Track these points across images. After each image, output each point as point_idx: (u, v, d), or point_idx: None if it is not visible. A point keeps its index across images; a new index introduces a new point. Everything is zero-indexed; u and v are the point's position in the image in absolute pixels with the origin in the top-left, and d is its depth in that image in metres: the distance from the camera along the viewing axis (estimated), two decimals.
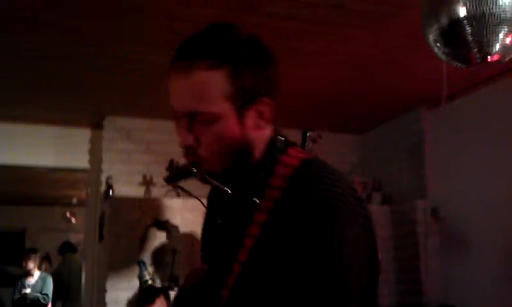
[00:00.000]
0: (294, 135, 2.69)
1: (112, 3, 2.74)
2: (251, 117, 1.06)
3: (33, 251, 7.24)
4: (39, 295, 6.70)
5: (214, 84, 1.02)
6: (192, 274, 1.31)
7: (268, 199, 1.04)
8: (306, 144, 2.66)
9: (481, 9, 1.75)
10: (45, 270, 7.39)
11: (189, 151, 1.07)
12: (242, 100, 1.04)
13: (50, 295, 6.76)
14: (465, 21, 1.78)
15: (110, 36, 3.12)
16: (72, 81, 3.85)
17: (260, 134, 1.09)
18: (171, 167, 4.23)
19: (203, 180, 1.09)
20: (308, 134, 2.68)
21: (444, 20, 1.85)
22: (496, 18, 1.75)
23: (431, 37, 1.94)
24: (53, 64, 3.53)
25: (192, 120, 1.05)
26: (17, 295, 6.71)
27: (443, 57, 1.98)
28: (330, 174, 1.05)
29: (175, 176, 1.15)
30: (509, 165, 3.76)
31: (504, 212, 3.76)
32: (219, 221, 1.18)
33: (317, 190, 1.00)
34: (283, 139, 1.12)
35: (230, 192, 1.09)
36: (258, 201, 1.05)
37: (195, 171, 1.08)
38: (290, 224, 0.99)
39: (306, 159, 1.08)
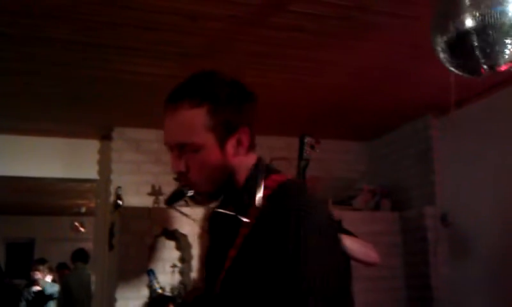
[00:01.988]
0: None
1: (120, 17, 2.77)
2: (231, 145, 1.26)
3: (41, 261, 7.27)
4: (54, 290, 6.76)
5: (196, 119, 1.23)
6: (193, 290, 1.52)
7: (251, 216, 1.23)
8: (304, 149, 2.63)
9: (489, 20, 1.76)
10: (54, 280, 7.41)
11: (181, 176, 1.28)
12: (222, 131, 1.25)
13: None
14: (473, 32, 1.79)
15: (118, 49, 3.15)
16: (80, 93, 3.88)
17: (242, 161, 1.29)
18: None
19: (195, 201, 1.29)
20: (305, 140, 2.65)
21: (452, 31, 1.86)
22: (504, 28, 1.76)
23: (439, 48, 1.95)
24: (62, 77, 3.56)
25: (181, 150, 1.25)
26: (31, 295, 6.75)
27: (451, 68, 1.99)
28: (299, 192, 1.26)
29: (171, 199, 1.36)
30: None
31: None
32: (213, 236, 1.43)
33: (285, 204, 1.19)
34: (267, 166, 1.33)
35: (219, 210, 1.34)
36: (242, 218, 1.24)
37: (186, 192, 1.29)
38: (264, 232, 1.18)
39: (282, 182, 1.28)
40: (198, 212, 4.08)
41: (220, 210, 1.34)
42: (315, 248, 1.14)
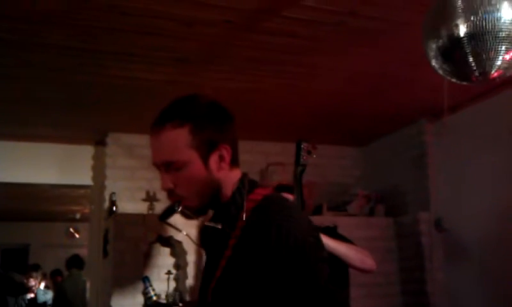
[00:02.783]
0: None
1: (116, 23, 2.77)
2: (213, 161, 1.34)
3: (35, 268, 7.24)
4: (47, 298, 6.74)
5: (179, 138, 1.31)
6: (189, 303, 1.57)
7: (238, 228, 1.31)
8: (301, 155, 2.64)
9: (481, 26, 1.76)
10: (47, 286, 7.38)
11: (170, 193, 1.35)
12: (204, 148, 1.32)
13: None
14: (465, 38, 1.80)
15: (114, 54, 3.15)
16: (75, 99, 3.88)
17: (227, 176, 1.37)
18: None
19: (185, 215, 1.38)
20: (302, 146, 2.65)
21: (444, 37, 1.86)
22: (496, 35, 1.76)
23: (431, 54, 1.96)
24: (57, 82, 3.56)
25: (168, 168, 1.33)
26: (25, 302, 6.73)
27: (443, 73, 1.99)
28: (281, 205, 1.33)
29: (164, 214, 1.57)
30: None
31: (507, 223, 3.76)
32: (207, 249, 1.51)
33: (267, 216, 1.27)
34: (251, 181, 1.41)
35: (209, 224, 1.41)
36: (228, 230, 1.33)
37: (176, 208, 1.39)
38: (248, 243, 1.26)
39: (267, 195, 1.36)
40: (191, 225, 4.08)
41: (209, 224, 1.42)
42: (294, 259, 1.21)
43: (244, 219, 1.31)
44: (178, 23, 2.79)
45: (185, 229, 4.13)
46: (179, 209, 1.39)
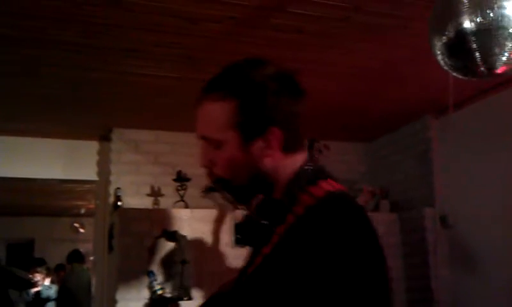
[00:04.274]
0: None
1: (120, 20, 2.78)
2: (257, 147, 1.14)
3: (40, 263, 7.27)
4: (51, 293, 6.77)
5: (218, 113, 1.15)
6: (232, 282, 1.35)
7: (286, 223, 1.08)
8: (313, 154, 2.65)
9: (487, 22, 1.76)
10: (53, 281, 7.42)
11: (208, 171, 1.21)
12: (248, 130, 1.14)
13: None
14: (471, 34, 1.80)
15: (118, 51, 3.16)
16: (79, 95, 3.89)
17: (278, 164, 1.15)
18: (179, 178, 4.25)
19: (225, 198, 1.21)
20: (314, 145, 2.66)
21: (450, 33, 1.87)
22: (502, 31, 1.76)
23: (437, 49, 1.96)
24: (62, 78, 3.57)
25: (205, 144, 1.19)
26: (31, 297, 6.76)
27: (449, 69, 1.99)
28: (346, 208, 1.10)
29: (208, 189, 1.27)
30: None
31: None
32: (238, 236, 1.26)
33: (323, 219, 1.05)
34: (316, 169, 1.18)
35: (250, 215, 1.18)
36: (267, 224, 1.12)
37: (211, 190, 1.22)
38: (291, 245, 1.04)
39: (331, 192, 1.11)
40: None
41: (253, 215, 1.19)
42: (342, 281, 0.98)
43: (294, 216, 1.08)
44: (182, 19, 2.79)
45: (191, 220, 4.15)
46: (214, 191, 1.21)
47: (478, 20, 1.78)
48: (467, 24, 1.81)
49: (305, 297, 0.97)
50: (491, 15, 1.78)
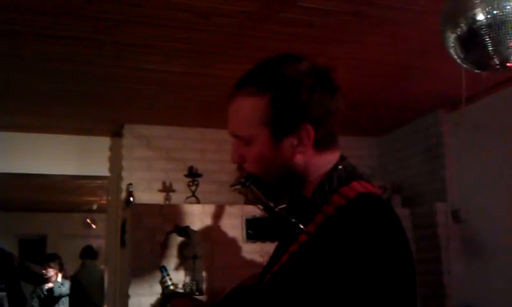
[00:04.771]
0: None
1: (131, 15, 2.78)
2: (288, 144, 1.12)
3: (52, 258, 7.30)
4: (63, 290, 6.81)
5: (250, 109, 1.12)
6: (252, 277, 1.34)
7: (315, 223, 1.07)
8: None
9: (500, 15, 1.75)
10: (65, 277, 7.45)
11: (238, 166, 1.19)
12: (279, 127, 1.11)
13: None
14: (484, 27, 1.79)
15: (129, 46, 3.17)
16: (91, 91, 3.91)
17: (310, 163, 1.14)
18: (191, 173, 4.23)
19: (250, 199, 1.19)
20: None
21: (463, 26, 1.86)
22: None
23: (450, 42, 1.95)
24: (73, 74, 3.59)
25: (237, 140, 1.17)
26: (44, 293, 6.80)
27: (461, 62, 1.98)
28: (377, 213, 1.07)
29: (237, 184, 1.22)
30: None
31: None
32: (250, 232, 1.24)
33: (353, 221, 1.02)
34: (350, 169, 1.16)
35: (275, 209, 1.16)
36: (296, 222, 1.09)
37: (240, 185, 1.19)
38: (320, 247, 1.02)
39: (363, 194, 1.09)
40: None
41: (282, 213, 1.16)
42: (370, 283, 0.97)
43: (324, 216, 1.06)
44: (193, 14, 2.79)
45: (202, 216, 4.17)
46: (244, 187, 1.18)
47: (490, 13, 1.77)
48: (480, 17, 1.80)
49: (332, 297, 0.96)
50: (504, 7, 1.77)
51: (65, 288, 6.92)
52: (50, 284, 6.92)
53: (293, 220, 1.10)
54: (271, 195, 1.16)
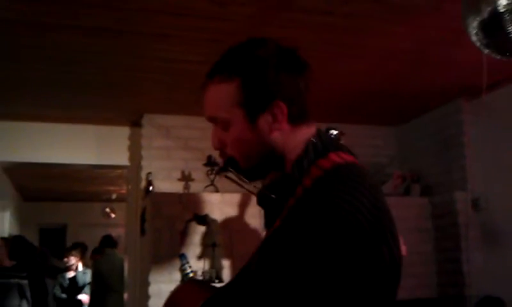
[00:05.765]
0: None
1: (150, 4, 2.80)
2: (264, 121, 1.16)
3: (74, 246, 7.39)
4: (86, 279, 6.91)
5: (224, 94, 1.17)
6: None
7: (295, 197, 1.09)
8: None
9: None
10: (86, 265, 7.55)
11: (220, 151, 1.23)
12: (252, 106, 1.16)
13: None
14: (506, 12, 1.77)
15: (148, 36, 3.19)
16: (111, 81, 3.95)
17: (287, 138, 1.17)
18: (209, 162, 4.27)
19: (237, 176, 1.25)
20: (330, 132, 2.64)
21: (485, 12, 1.84)
22: None
23: (472, 29, 1.93)
24: (93, 64, 3.62)
25: (216, 125, 1.22)
26: (66, 281, 6.90)
27: (484, 49, 1.96)
28: (352, 180, 1.07)
29: (220, 170, 1.30)
30: None
31: None
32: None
33: (326, 192, 1.04)
34: (327, 141, 1.18)
35: (262, 191, 1.21)
36: (276, 198, 1.15)
37: (224, 169, 1.24)
38: (294, 219, 1.04)
39: (339, 164, 1.11)
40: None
41: (264, 191, 1.21)
42: (341, 259, 0.97)
43: (303, 188, 1.08)
44: (211, 3, 2.80)
45: (221, 204, 4.20)
46: (227, 171, 1.24)
47: None
48: (502, 3, 1.79)
49: (302, 275, 0.97)
50: None
51: (88, 275, 7.03)
52: (71, 273, 7.02)
53: (273, 196, 1.16)
54: (253, 175, 1.24)
